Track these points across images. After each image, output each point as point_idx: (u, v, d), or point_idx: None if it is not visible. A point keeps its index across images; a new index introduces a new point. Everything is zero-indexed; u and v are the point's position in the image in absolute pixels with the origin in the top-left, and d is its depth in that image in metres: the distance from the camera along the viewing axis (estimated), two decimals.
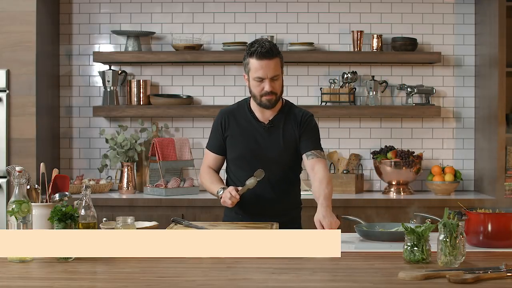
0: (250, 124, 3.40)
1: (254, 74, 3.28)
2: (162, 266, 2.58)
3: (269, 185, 3.37)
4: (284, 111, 3.42)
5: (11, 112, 4.64)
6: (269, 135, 3.38)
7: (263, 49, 3.24)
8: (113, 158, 4.89)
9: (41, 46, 4.73)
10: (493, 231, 2.88)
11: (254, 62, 3.27)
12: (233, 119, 3.42)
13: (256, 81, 3.29)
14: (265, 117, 3.40)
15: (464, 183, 5.12)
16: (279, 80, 3.30)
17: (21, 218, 2.65)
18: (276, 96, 3.31)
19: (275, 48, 3.29)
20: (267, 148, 3.37)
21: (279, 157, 3.38)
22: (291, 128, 3.40)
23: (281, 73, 3.32)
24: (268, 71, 3.26)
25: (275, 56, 3.27)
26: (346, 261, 2.63)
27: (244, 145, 3.39)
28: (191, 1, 5.13)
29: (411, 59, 4.98)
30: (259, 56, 3.25)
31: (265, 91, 3.28)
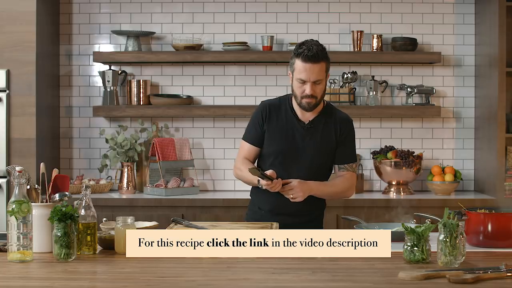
0: (290, 121, 3.40)
1: (298, 75, 3.29)
2: (162, 266, 2.58)
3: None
4: (326, 113, 3.43)
5: (11, 112, 4.64)
6: (307, 136, 3.38)
7: (309, 52, 3.25)
8: (113, 158, 4.89)
9: (41, 46, 4.73)
10: (493, 231, 2.88)
11: (299, 64, 3.27)
12: (274, 113, 3.42)
13: (299, 82, 3.30)
14: (306, 117, 3.40)
15: (464, 183, 5.12)
16: (321, 85, 3.31)
17: (21, 218, 2.65)
18: (316, 100, 3.32)
19: (322, 53, 3.29)
20: (303, 148, 3.38)
21: (312, 158, 3.39)
22: (330, 132, 3.41)
23: (325, 77, 3.33)
24: (311, 74, 3.26)
25: (320, 61, 3.27)
26: (346, 261, 2.63)
27: (281, 141, 3.39)
28: (191, 1, 5.13)
29: (411, 59, 4.99)
30: (304, 58, 3.25)
31: (306, 94, 3.29)
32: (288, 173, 3.36)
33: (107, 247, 2.88)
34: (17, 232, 2.65)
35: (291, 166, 3.37)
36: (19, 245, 2.66)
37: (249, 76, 5.12)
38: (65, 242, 2.66)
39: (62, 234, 2.66)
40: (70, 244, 2.66)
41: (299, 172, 3.36)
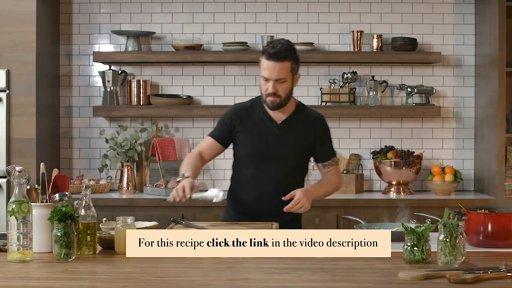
0: (263, 122, 3.40)
1: (261, 72, 3.30)
2: (162, 266, 2.58)
3: (273, 185, 3.37)
4: (299, 113, 3.44)
5: (11, 112, 4.64)
6: (281, 136, 3.39)
7: (272, 50, 3.25)
8: (113, 158, 4.89)
9: (41, 46, 4.73)
10: (493, 231, 2.88)
11: (263, 61, 3.29)
12: (246, 116, 3.42)
13: (263, 80, 3.31)
14: (278, 117, 3.40)
15: (464, 183, 5.12)
16: (285, 84, 3.29)
17: (21, 218, 2.65)
18: (280, 99, 3.31)
19: (286, 52, 3.27)
20: (277, 148, 3.38)
21: (287, 158, 3.39)
22: (306, 131, 3.42)
23: (290, 77, 3.30)
24: (272, 72, 3.26)
25: (284, 60, 3.26)
26: (346, 261, 2.63)
27: (255, 142, 3.39)
28: (191, 1, 5.13)
29: (411, 59, 4.99)
30: (267, 56, 3.26)
31: (268, 92, 3.29)
32: (264, 173, 3.37)
33: (107, 247, 2.88)
34: (17, 232, 2.65)
35: (267, 166, 3.37)
36: (19, 245, 2.66)
37: (249, 76, 5.12)
38: (65, 242, 2.66)
39: (62, 234, 2.66)
40: (70, 244, 2.66)
41: (276, 171, 3.36)
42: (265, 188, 3.37)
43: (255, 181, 3.40)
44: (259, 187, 3.38)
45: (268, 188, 3.37)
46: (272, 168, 3.37)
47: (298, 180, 3.47)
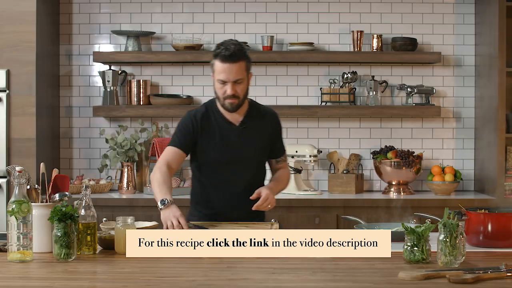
0: (222, 126, 3.37)
1: (218, 76, 3.26)
2: (162, 266, 2.58)
3: (242, 187, 3.35)
4: (253, 111, 3.43)
5: (11, 112, 4.64)
6: (243, 137, 3.37)
7: (227, 52, 3.22)
8: (113, 158, 4.89)
9: (41, 46, 4.73)
10: (493, 231, 2.88)
11: (218, 64, 3.25)
12: (205, 122, 3.38)
13: (219, 83, 3.27)
14: (235, 119, 3.38)
15: (464, 183, 5.12)
16: (242, 84, 3.28)
17: (21, 218, 2.65)
18: (239, 100, 3.30)
19: (240, 52, 3.26)
20: (242, 149, 3.37)
21: (253, 158, 3.40)
22: (264, 128, 3.42)
23: (246, 76, 3.29)
24: (230, 74, 3.24)
25: (239, 60, 3.24)
26: (346, 261, 2.63)
27: (219, 148, 3.36)
28: (191, 1, 5.13)
29: (411, 59, 4.99)
30: (222, 58, 3.23)
31: (227, 95, 3.27)
32: (232, 177, 3.36)
33: (107, 247, 2.88)
34: (17, 232, 2.65)
35: (235, 170, 3.35)
36: (19, 245, 2.66)
37: None
38: (65, 242, 2.66)
39: (62, 234, 2.66)
40: (70, 244, 2.66)
41: (243, 173, 3.35)
42: (233, 191, 3.36)
43: (223, 186, 3.36)
44: (227, 191, 3.36)
45: (237, 190, 3.36)
46: (239, 170, 3.36)
47: (261, 177, 3.48)
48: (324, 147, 5.12)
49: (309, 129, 5.13)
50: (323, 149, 5.08)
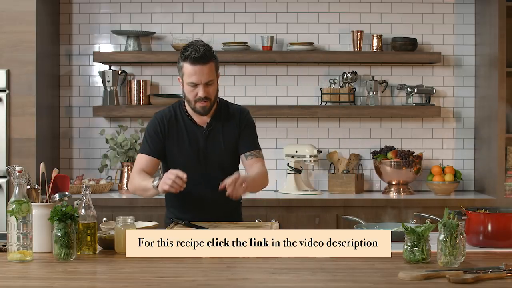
0: (189, 129, 3.35)
1: (188, 79, 3.23)
2: (162, 266, 2.58)
3: (210, 188, 3.33)
4: (221, 111, 3.39)
5: (11, 112, 4.64)
6: (210, 139, 3.35)
7: (196, 54, 3.18)
8: (113, 158, 4.89)
9: (41, 46, 4.73)
10: (493, 231, 2.88)
11: (187, 67, 3.22)
12: (172, 125, 3.36)
13: (190, 86, 3.24)
14: (203, 120, 3.36)
15: (464, 183, 5.12)
16: (213, 85, 3.26)
17: (21, 218, 2.65)
18: (211, 102, 3.28)
19: (210, 53, 3.23)
20: (209, 152, 3.34)
21: (221, 160, 3.36)
22: (230, 128, 3.38)
23: (215, 77, 3.27)
24: (201, 76, 3.21)
25: (209, 61, 3.22)
26: (346, 261, 2.63)
27: (187, 151, 3.34)
28: (191, 1, 5.13)
29: (411, 59, 4.99)
30: (192, 61, 3.19)
31: (199, 97, 3.24)
32: (202, 180, 3.34)
33: (107, 247, 2.88)
34: (17, 232, 2.65)
35: (203, 173, 3.34)
36: (19, 245, 2.66)
37: (249, 76, 5.12)
38: (65, 242, 2.65)
39: (62, 234, 2.65)
40: (70, 244, 2.66)
41: (212, 176, 3.32)
42: (204, 194, 3.35)
43: (193, 189, 3.32)
44: (198, 194, 3.34)
45: (207, 193, 3.34)
46: (208, 173, 3.34)
47: None
48: (324, 147, 5.12)
49: (309, 129, 5.13)
50: (323, 149, 5.09)
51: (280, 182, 5.06)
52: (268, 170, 3.49)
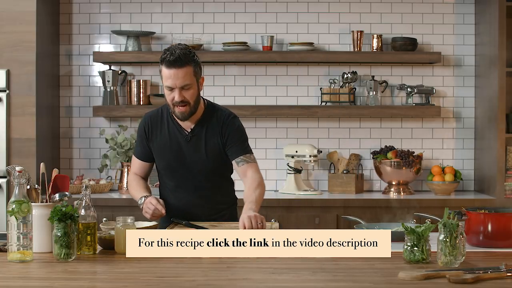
0: (173, 133, 3.32)
1: (165, 82, 3.19)
2: (162, 266, 2.58)
3: (194, 193, 3.34)
4: (206, 117, 3.32)
5: (11, 112, 4.64)
6: (192, 145, 3.31)
7: (171, 57, 3.14)
8: (113, 158, 4.89)
9: (41, 46, 4.73)
10: (493, 231, 2.88)
11: (164, 70, 3.18)
12: (156, 127, 3.34)
13: (167, 90, 3.19)
14: (187, 125, 3.31)
15: (464, 183, 5.12)
16: (191, 90, 3.19)
17: (21, 218, 2.65)
18: (190, 106, 3.20)
19: (186, 56, 3.15)
20: (191, 158, 3.31)
21: (202, 167, 3.32)
22: (213, 135, 3.31)
23: (195, 82, 3.20)
24: (176, 80, 3.15)
25: (185, 65, 3.15)
26: (346, 261, 2.63)
27: (169, 156, 3.32)
28: (191, 1, 5.13)
29: (411, 59, 4.99)
30: (167, 64, 3.15)
31: (175, 101, 3.18)
32: (184, 184, 3.33)
33: (107, 247, 2.88)
34: (17, 232, 2.65)
35: (185, 177, 3.32)
36: (19, 245, 2.66)
37: (249, 76, 5.12)
38: (65, 242, 2.65)
39: (62, 234, 2.65)
40: (70, 244, 2.66)
41: (195, 180, 3.32)
42: (188, 197, 3.34)
43: (177, 192, 3.35)
44: (183, 197, 3.34)
45: (191, 197, 3.34)
46: (190, 178, 3.32)
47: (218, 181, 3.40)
48: (324, 147, 5.12)
49: (309, 129, 5.13)
50: (323, 149, 5.09)
51: (280, 182, 5.05)
52: (268, 170, 3.49)
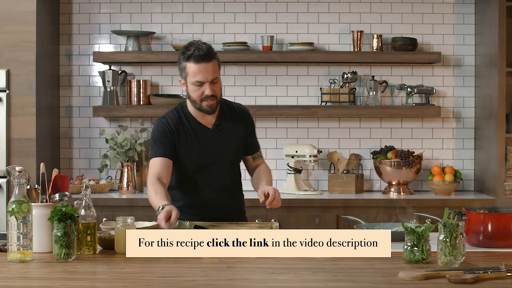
0: (196, 130, 3.33)
1: (193, 78, 3.20)
2: (162, 266, 2.58)
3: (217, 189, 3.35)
4: (225, 111, 3.38)
5: (11, 112, 4.64)
6: (218, 139, 3.34)
7: (200, 52, 3.17)
8: (113, 158, 4.89)
9: (41, 46, 4.73)
10: (493, 231, 2.88)
11: (191, 66, 3.19)
12: (179, 128, 3.33)
13: (196, 86, 3.21)
14: (208, 121, 3.33)
15: (464, 183, 5.12)
16: (218, 83, 3.25)
17: (21, 218, 2.65)
18: (217, 100, 3.25)
19: (212, 50, 3.22)
20: (218, 152, 3.33)
21: (230, 160, 3.38)
22: (237, 128, 3.38)
23: (219, 75, 3.26)
24: (207, 74, 3.18)
25: (212, 59, 3.20)
26: (346, 261, 2.63)
27: (196, 153, 3.32)
28: (191, 1, 5.13)
29: (411, 59, 4.99)
30: (196, 59, 3.17)
31: (206, 95, 3.20)
32: (210, 180, 3.34)
33: (107, 247, 2.88)
34: (17, 232, 2.65)
35: (212, 173, 3.34)
36: (19, 245, 2.66)
37: (249, 76, 5.12)
38: (65, 242, 2.65)
39: (62, 234, 2.65)
40: (70, 244, 2.66)
41: (220, 176, 3.35)
42: (211, 195, 3.34)
43: (202, 189, 3.34)
44: (205, 195, 3.34)
45: (215, 193, 3.35)
46: (216, 173, 3.35)
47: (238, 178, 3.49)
48: (324, 147, 5.12)
49: (309, 129, 5.13)
50: (323, 149, 5.09)
51: (280, 182, 5.05)
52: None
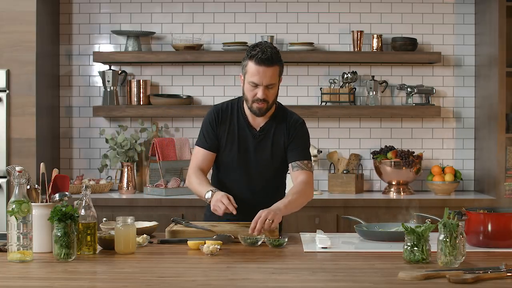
0: (242, 128, 3.33)
1: (250, 78, 3.20)
2: (162, 266, 2.58)
3: (250, 190, 3.33)
4: (277, 117, 3.36)
5: (11, 112, 4.64)
6: (259, 144, 3.32)
7: (263, 55, 3.16)
8: (113, 158, 4.89)
9: (41, 46, 4.73)
10: (493, 231, 2.88)
11: (252, 66, 3.19)
12: (225, 120, 3.34)
13: (251, 86, 3.21)
14: (257, 123, 3.33)
15: (464, 183, 5.12)
16: (274, 89, 3.24)
17: (21, 218, 2.65)
18: (268, 105, 3.24)
19: (276, 56, 3.20)
20: (255, 157, 3.32)
21: (266, 167, 3.34)
22: (280, 136, 3.33)
23: (278, 81, 3.25)
24: (263, 78, 3.18)
25: (274, 64, 3.19)
26: (346, 261, 2.63)
27: (234, 150, 3.32)
28: (191, 1, 5.13)
29: (411, 59, 4.99)
30: (258, 61, 3.16)
31: (257, 98, 3.21)
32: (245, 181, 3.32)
33: (107, 247, 2.88)
34: (17, 232, 2.65)
35: (247, 174, 3.32)
36: (19, 245, 2.66)
37: None
38: (65, 242, 2.66)
39: (62, 234, 2.66)
40: (70, 244, 2.66)
41: (256, 178, 3.32)
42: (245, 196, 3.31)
43: (235, 189, 3.31)
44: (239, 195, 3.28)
45: (249, 195, 3.32)
46: (252, 175, 3.33)
47: (276, 184, 3.40)
48: (324, 147, 5.12)
49: (309, 129, 5.09)
50: (323, 149, 5.09)
51: None
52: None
